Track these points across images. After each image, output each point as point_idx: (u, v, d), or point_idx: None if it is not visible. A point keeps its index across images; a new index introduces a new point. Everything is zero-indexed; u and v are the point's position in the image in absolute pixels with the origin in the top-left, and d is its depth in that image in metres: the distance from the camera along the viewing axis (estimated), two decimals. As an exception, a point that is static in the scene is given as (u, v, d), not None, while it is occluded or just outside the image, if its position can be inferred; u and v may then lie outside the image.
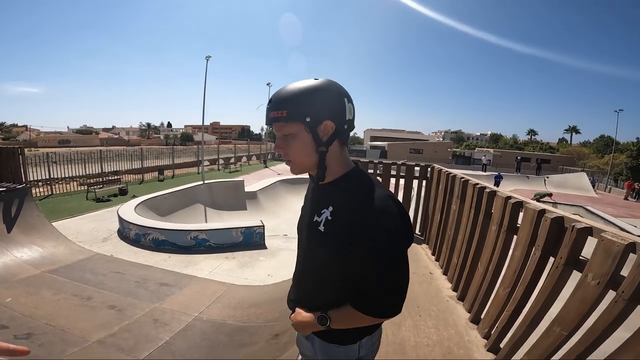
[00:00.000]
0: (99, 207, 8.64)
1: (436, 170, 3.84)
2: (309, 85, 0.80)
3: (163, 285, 3.72)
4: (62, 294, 3.34)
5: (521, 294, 1.74)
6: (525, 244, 1.79)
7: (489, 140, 65.82)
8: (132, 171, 14.64)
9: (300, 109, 0.78)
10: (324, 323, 0.85)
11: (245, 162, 24.66)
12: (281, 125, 0.81)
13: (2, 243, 4.23)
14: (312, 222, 0.87)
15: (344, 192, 0.83)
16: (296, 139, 0.81)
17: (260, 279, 4.46)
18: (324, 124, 0.80)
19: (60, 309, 3.01)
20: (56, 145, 44.83)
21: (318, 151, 0.82)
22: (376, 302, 0.79)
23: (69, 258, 4.39)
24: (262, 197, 10.85)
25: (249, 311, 3.15)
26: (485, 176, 19.38)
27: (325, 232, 0.83)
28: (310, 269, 0.92)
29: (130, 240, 6.03)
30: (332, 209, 0.83)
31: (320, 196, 0.89)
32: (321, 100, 0.79)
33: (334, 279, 0.85)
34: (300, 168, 0.86)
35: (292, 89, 0.80)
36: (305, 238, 0.93)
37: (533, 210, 1.76)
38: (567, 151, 41.00)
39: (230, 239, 6.15)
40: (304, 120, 0.78)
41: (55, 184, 11.10)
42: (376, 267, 0.76)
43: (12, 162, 7.45)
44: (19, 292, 3.31)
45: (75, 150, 13.77)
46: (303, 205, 1.02)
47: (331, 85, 0.82)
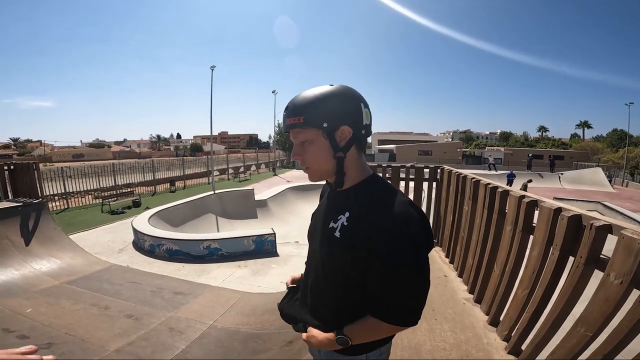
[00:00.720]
0: (113, 219, 8.84)
1: (446, 172, 3.81)
2: (325, 91, 0.80)
3: (178, 294, 3.76)
4: (80, 304, 3.41)
5: (541, 295, 1.70)
6: (543, 243, 1.75)
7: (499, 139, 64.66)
8: (145, 183, 14.98)
9: (317, 114, 0.78)
10: (344, 344, 0.82)
11: (254, 170, 24.89)
12: (298, 132, 0.81)
13: (21, 255, 4.36)
14: (327, 229, 0.85)
15: (362, 199, 0.81)
16: (313, 145, 0.81)
17: (273, 286, 4.47)
18: (341, 130, 0.79)
19: (79, 319, 3.07)
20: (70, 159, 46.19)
21: (336, 157, 0.81)
22: (400, 311, 0.77)
23: (87, 269, 4.48)
24: (272, 204, 10.92)
25: (263, 318, 3.15)
26: (497, 175, 19.08)
27: (341, 238, 0.80)
28: (324, 277, 0.88)
29: (145, 251, 6.14)
30: (348, 215, 0.81)
31: (337, 202, 0.87)
32: (338, 106, 0.79)
33: (349, 286, 0.83)
34: (319, 175, 0.85)
35: (309, 95, 0.80)
36: (318, 244, 0.89)
37: (549, 209, 1.72)
38: (581, 146, 40.09)
39: (242, 248, 6.20)
40: (320, 126, 0.78)
41: (71, 197, 11.42)
42: (399, 275, 0.74)
43: (28, 177, 7.67)
44: (39, 303, 3.39)
45: (89, 164, 14.16)
46: (315, 212, 1.00)
47: (347, 91, 0.81)
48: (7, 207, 4.95)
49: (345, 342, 0.82)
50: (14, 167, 7.50)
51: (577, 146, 41.46)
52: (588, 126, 59.52)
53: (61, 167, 12.27)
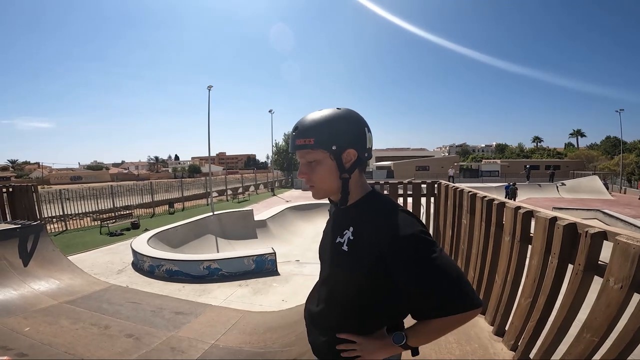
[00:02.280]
0: (112, 240, 8.76)
1: (443, 186, 3.89)
2: (334, 114, 0.85)
3: (179, 314, 3.71)
4: (80, 323, 3.35)
5: (544, 302, 1.73)
6: (541, 252, 1.80)
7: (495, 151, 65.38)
8: (143, 205, 14.91)
9: (327, 137, 0.83)
10: (400, 341, 0.83)
11: (253, 191, 24.89)
12: (307, 152, 0.85)
13: (20, 276, 4.31)
14: (334, 244, 0.90)
15: (364, 212, 0.86)
16: (321, 166, 0.85)
17: (275, 305, 4.41)
18: (347, 152, 0.85)
19: (79, 338, 3.02)
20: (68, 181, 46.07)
21: (341, 177, 0.86)
22: (459, 296, 0.75)
23: (86, 289, 4.42)
24: (272, 224, 10.88)
25: (265, 336, 3.11)
26: (495, 188, 19.18)
27: (349, 251, 0.85)
28: (337, 291, 0.91)
29: (144, 272, 6.07)
30: (353, 229, 0.86)
31: (341, 218, 0.92)
32: (346, 130, 0.84)
33: (360, 297, 0.86)
34: (323, 193, 0.90)
35: (318, 117, 0.85)
36: (328, 260, 0.94)
37: (544, 218, 1.78)
38: (576, 155, 40.33)
39: (243, 267, 6.14)
40: (329, 148, 0.83)
41: (69, 219, 11.34)
42: (427, 265, 0.75)
43: (26, 199, 7.70)
44: (37, 322, 3.33)
45: (87, 187, 14.15)
46: (325, 230, 1.04)
47: (354, 115, 0.87)
48: (5, 229, 4.93)
49: (402, 338, 0.83)
50: (12, 189, 7.54)
51: (573, 155, 41.74)
52: (581, 134, 60.45)
53: (59, 189, 12.26)
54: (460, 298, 0.75)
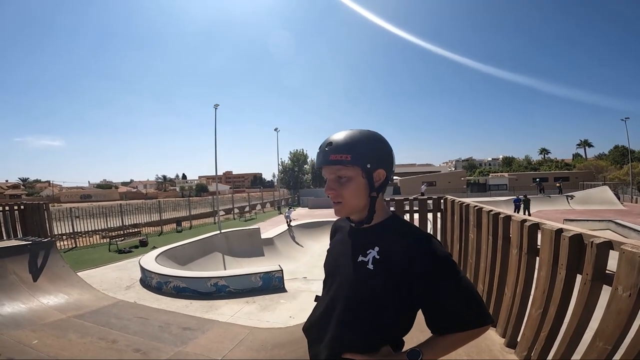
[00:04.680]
0: (121, 258, 8.83)
1: (449, 201, 3.91)
2: (369, 134, 0.90)
3: (186, 330, 3.70)
4: (88, 337, 3.37)
5: (555, 313, 1.73)
6: (549, 264, 1.81)
7: (502, 164, 64.53)
8: (152, 223, 15.04)
9: (364, 155, 0.86)
10: (416, 357, 0.84)
11: (260, 209, 24.94)
12: (339, 168, 0.87)
13: (29, 290, 4.37)
14: (356, 263, 0.90)
15: (391, 233, 0.89)
16: (352, 182, 0.87)
17: (282, 321, 4.37)
18: (378, 172, 0.88)
19: (86, 352, 3.03)
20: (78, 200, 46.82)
21: (370, 196, 0.89)
22: (478, 312, 0.83)
23: (94, 304, 4.45)
24: (278, 242, 10.87)
25: (273, 352, 3.08)
26: (503, 202, 18.90)
27: (375, 270, 0.86)
28: (356, 309, 0.89)
29: (152, 288, 6.09)
30: (378, 249, 0.87)
31: (363, 238, 0.93)
32: (380, 150, 0.90)
33: (383, 313, 0.86)
34: (349, 210, 0.92)
35: (355, 135, 0.88)
36: (347, 279, 0.92)
37: (550, 230, 1.81)
38: (584, 166, 39.42)
39: (250, 284, 6.12)
40: (364, 166, 0.86)
41: (79, 237, 11.48)
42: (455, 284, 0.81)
43: (38, 216, 7.87)
44: (45, 335, 3.36)
45: (97, 205, 14.39)
46: (333, 249, 1.05)
47: (383, 138, 0.93)
48: (17, 244, 5.06)
49: (417, 355, 0.84)
50: (24, 207, 7.75)
51: (581, 166, 40.75)
52: (589, 145, 59.21)
53: (70, 207, 12.50)
54: (481, 314, 0.83)
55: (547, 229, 1.84)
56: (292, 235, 12.19)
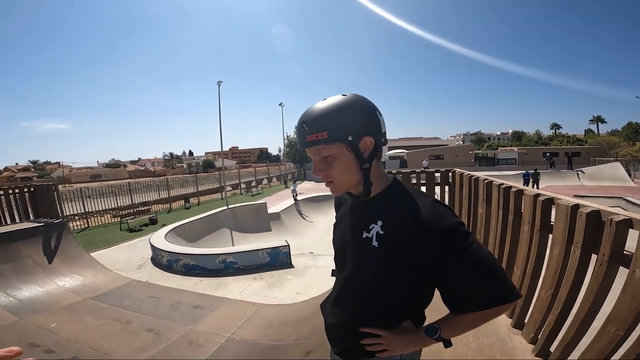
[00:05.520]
0: (132, 236, 9.04)
1: (457, 174, 3.77)
2: (343, 102, 0.78)
3: (196, 308, 3.80)
4: (103, 319, 3.48)
5: (566, 294, 1.65)
6: (563, 242, 1.71)
7: (511, 139, 63.17)
8: (160, 201, 15.27)
9: (342, 128, 0.77)
10: (433, 334, 0.81)
11: (266, 184, 25.08)
12: (321, 148, 0.79)
13: (45, 273, 4.50)
14: (361, 239, 0.84)
15: (392, 205, 0.82)
16: (338, 160, 0.80)
17: (290, 298, 4.46)
18: (364, 141, 0.79)
19: (102, 334, 3.13)
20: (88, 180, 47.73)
21: (362, 168, 0.81)
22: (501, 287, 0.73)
23: (108, 285, 4.58)
24: (285, 217, 10.96)
25: (280, 330, 3.14)
26: (512, 176, 18.63)
27: (379, 248, 0.80)
28: (365, 287, 0.86)
29: (163, 267, 6.25)
30: (382, 223, 0.81)
31: (365, 212, 0.86)
32: (359, 117, 0.79)
33: (390, 292, 0.83)
34: (344, 188, 0.86)
35: (327, 108, 0.78)
36: (354, 256, 0.88)
37: (565, 206, 1.69)
38: (596, 142, 38.46)
39: (257, 260, 6.23)
40: (346, 140, 0.77)
41: (91, 217, 11.75)
42: (469, 257, 0.73)
43: (48, 198, 7.97)
44: (63, 318, 3.48)
45: (107, 184, 14.57)
46: (338, 224, 0.99)
47: (364, 100, 0.81)
48: (29, 227, 5.14)
49: (435, 331, 0.81)
50: (34, 189, 7.83)
51: (593, 141, 39.70)
52: (602, 121, 57.87)
53: (80, 187, 12.68)
54: (503, 290, 0.74)
55: (562, 204, 1.72)
56: (299, 210, 12.28)
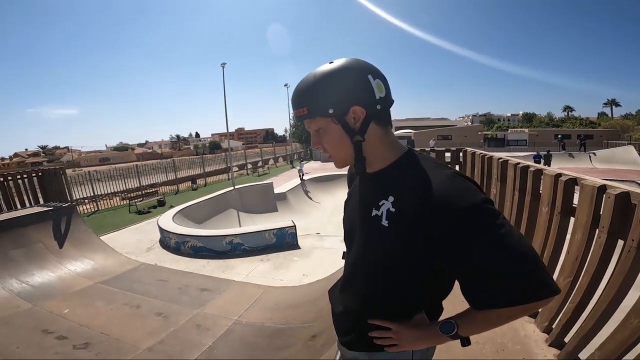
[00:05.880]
0: (141, 219, 9.15)
1: (469, 154, 3.60)
2: (323, 72, 0.72)
3: (204, 291, 3.82)
4: (114, 303, 3.52)
5: (587, 282, 1.55)
6: (587, 226, 1.58)
7: (522, 120, 61.65)
8: (168, 183, 15.37)
9: (320, 102, 0.71)
10: (450, 330, 0.71)
11: (272, 164, 25.05)
12: (308, 122, 0.76)
13: (56, 258, 4.56)
14: (370, 218, 0.75)
15: (404, 179, 0.72)
16: (327, 133, 0.75)
17: (296, 280, 4.46)
18: (352, 110, 0.71)
19: (113, 319, 3.18)
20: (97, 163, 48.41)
21: (354, 141, 0.73)
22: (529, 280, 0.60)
23: (118, 269, 4.64)
24: (291, 197, 10.94)
25: (286, 313, 3.14)
26: (522, 157, 18.26)
27: (390, 227, 0.70)
28: (374, 273, 0.78)
29: (171, 249, 6.32)
30: (393, 200, 0.71)
31: (374, 187, 0.78)
32: (340, 86, 0.71)
33: (406, 280, 0.73)
34: (342, 161, 0.79)
35: (308, 81, 0.73)
36: (362, 237, 0.80)
37: (591, 186, 1.55)
38: (610, 125, 37.62)
39: (264, 242, 6.24)
40: (327, 113, 0.71)
41: (100, 200, 11.91)
42: (497, 241, 0.60)
43: (56, 182, 8.04)
44: (75, 304, 3.54)
45: (115, 167, 14.68)
46: (348, 201, 0.92)
47: (348, 66, 0.72)
48: (39, 211, 5.17)
49: (451, 328, 0.71)
50: (42, 173, 7.89)
51: (607, 124, 38.90)
52: (616, 104, 56.39)
53: (89, 171, 12.79)
54: (539, 282, 0.60)
55: (587, 185, 1.57)
56: (305, 190, 12.23)
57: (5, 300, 3.48)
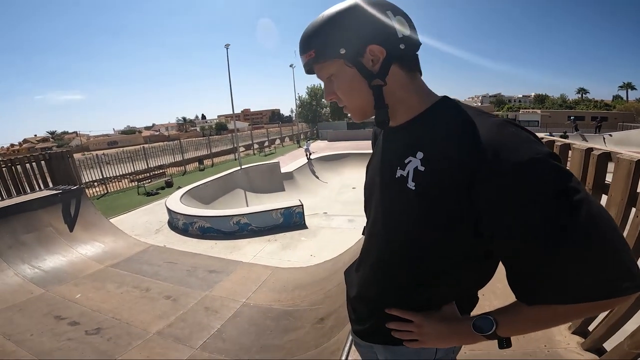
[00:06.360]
0: (149, 200, 9.22)
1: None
2: (335, 9, 0.60)
3: (212, 273, 3.82)
4: (124, 286, 3.55)
5: (621, 268, 1.40)
6: (622, 204, 1.43)
7: (534, 102, 59.72)
8: (175, 164, 15.43)
9: (329, 41, 0.60)
10: (487, 329, 0.56)
11: (279, 144, 24.88)
12: (318, 69, 0.65)
13: (66, 241, 4.60)
14: (394, 180, 0.62)
15: (436, 129, 0.58)
16: (339, 79, 0.63)
17: (303, 260, 4.43)
18: (369, 50, 0.59)
19: (123, 302, 3.19)
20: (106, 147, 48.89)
21: (372, 86, 0.61)
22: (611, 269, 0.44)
23: (128, 251, 4.68)
24: (298, 176, 10.86)
25: (294, 294, 3.10)
26: None
27: (418, 190, 0.57)
28: (395, 245, 0.64)
29: (179, 230, 6.35)
30: (422, 156, 0.58)
31: (399, 143, 0.65)
32: (354, 23, 0.59)
33: (436, 258, 0.60)
34: (360, 112, 0.66)
35: (317, 20, 0.62)
36: (384, 204, 0.66)
37: (628, 161, 1.38)
38: (625, 107, 36.40)
39: (271, 221, 6.21)
40: (338, 54, 0.60)
41: (109, 182, 12.04)
42: (571, 214, 0.44)
43: (63, 165, 8.08)
44: (87, 288, 3.57)
45: (123, 150, 14.73)
46: (371, 162, 0.78)
47: (363, 1, 0.59)
48: (48, 195, 5.19)
49: (490, 325, 0.56)
50: (49, 156, 7.93)
51: (622, 107, 37.78)
52: (632, 87, 54.77)
53: (97, 154, 12.86)
54: (626, 273, 0.44)
55: (624, 159, 1.41)
56: (312, 169, 12.11)
57: (19, 287, 3.52)
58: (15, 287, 3.48)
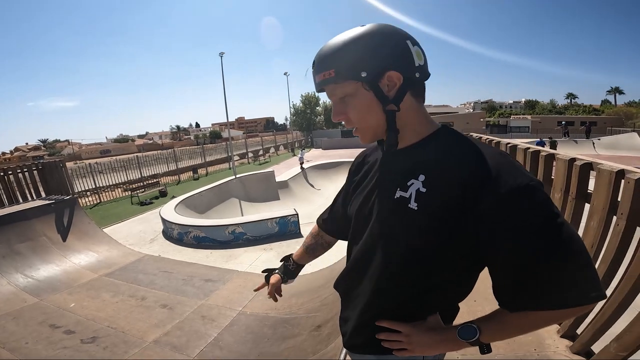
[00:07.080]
0: (143, 210, 9.16)
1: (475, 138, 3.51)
2: (357, 33, 0.63)
3: (208, 281, 3.81)
4: (119, 295, 3.52)
5: (604, 271, 1.48)
6: (603, 213, 1.51)
7: (524, 107, 61.28)
8: (169, 173, 15.37)
9: (352, 63, 0.62)
10: (469, 337, 0.63)
11: (274, 152, 24.96)
12: (333, 88, 0.67)
13: (60, 251, 4.56)
14: (394, 200, 0.65)
15: (439, 154, 0.64)
16: (354, 99, 0.65)
17: (300, 268, 4.44)
18: (387, 76, 0.62)
19: (119, 311, 3.17)
20: (98, 155, 48.34)
21: (385, 110, 0.65)
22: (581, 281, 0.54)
23: (122, 260, 4.64)
24: (293, 185, 10.90)
25: (290, 302, 3.12)
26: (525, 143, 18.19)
27: (420, 210, 0.61)
28: (393, 265, 0.67)
29: (174, 240, 6.33)
30: (424, 178, 0.63)
31: (402, 165, 0.68)
32: (377, 48, 0.62)
33: (432, 273, 0.64)
34: (371, 134, 0.69)
35: (337, 41, 0.64)
36: (382, 222, 0.69)
37: (609, 171, 1.48)
38: (614, 112, 37.71)
39: (267, 230, 6.22)
40: (359, 77, 0.62)
41: (102, 192, 11.92)
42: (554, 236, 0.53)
43: (57, 175, 8.00)
44: (81, 297, 3.54)
45: (116, 159, 14.62)
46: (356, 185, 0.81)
47: (386, 28, 0.64)
48: (41, 204, 5.15)
49: (473, 333, 0.63)
50: (42, 166, 7.85)
51: (610, 112, 39.19)
52: (620, 92, 56.00)
53: (90, 163, 12.75)
54: (590, 284, 0.54)
55: (605, 169, 1.50)
56: (306, 177, 12.17)
57: (12, 295, 3.48)
58: (8, 295, 3.44)
